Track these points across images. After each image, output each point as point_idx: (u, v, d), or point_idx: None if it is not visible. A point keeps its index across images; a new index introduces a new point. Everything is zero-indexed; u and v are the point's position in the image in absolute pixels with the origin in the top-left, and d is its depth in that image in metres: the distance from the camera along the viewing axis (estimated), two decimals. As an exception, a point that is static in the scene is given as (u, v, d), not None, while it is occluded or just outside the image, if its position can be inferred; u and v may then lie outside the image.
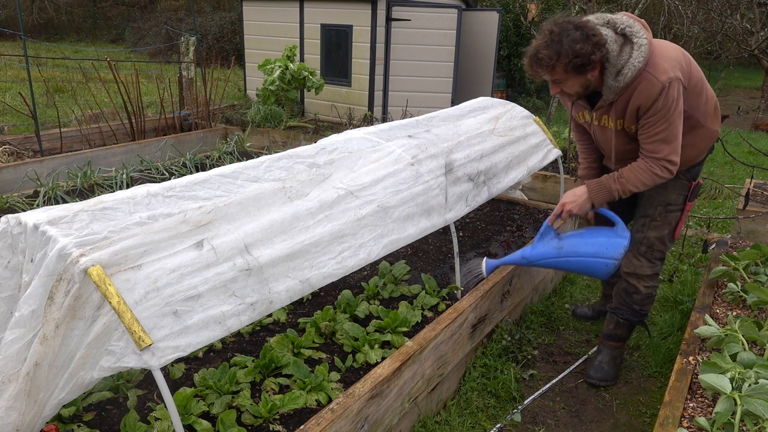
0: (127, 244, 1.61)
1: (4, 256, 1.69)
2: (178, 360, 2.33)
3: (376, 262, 3.20)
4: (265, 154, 5.39)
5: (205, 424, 1.93)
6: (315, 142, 2.65)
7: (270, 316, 2.71)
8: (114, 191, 2.61)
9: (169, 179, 3.19)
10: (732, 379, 1.94)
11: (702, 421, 1.87)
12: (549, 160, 3.65)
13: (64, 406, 1.95)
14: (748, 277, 2.93)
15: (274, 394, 2.15)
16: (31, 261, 1.62)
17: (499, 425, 2.52)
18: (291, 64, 7.43)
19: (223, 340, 2.52)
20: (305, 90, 7.85)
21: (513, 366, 2.84)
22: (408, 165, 2.64)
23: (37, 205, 4.18)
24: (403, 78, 8.53)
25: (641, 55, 2.29)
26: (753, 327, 2.31)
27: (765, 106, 10.80)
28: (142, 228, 1.68)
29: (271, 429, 1.97)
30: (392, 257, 3.37)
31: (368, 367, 2.33)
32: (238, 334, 2.59)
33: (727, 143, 7.50)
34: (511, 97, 10.72)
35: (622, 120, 2.48)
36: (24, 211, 2.55)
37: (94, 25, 21.99)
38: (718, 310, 2.70)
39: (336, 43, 8.52)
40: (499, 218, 4.15)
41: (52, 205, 2.47)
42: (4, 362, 1.61)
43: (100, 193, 4.55)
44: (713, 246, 3.88)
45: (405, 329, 2.58)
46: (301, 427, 1.81)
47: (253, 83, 9.56)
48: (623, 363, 2.96)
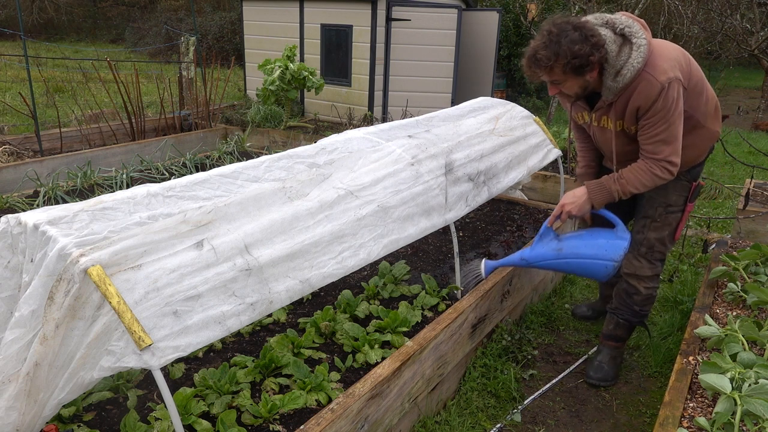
0: (127, 244, 1.61)
1: (4, 256, 1.69)
2: (178, 360, 2.33)
3: (376, 262, 3.20)
4: (265, 154, 5.39)
5: (205, 424, 1.93)
6: (315, 142, 2.65)
7: (270, 316, 2.72)
8: (114, 191, 2.61)
9: (169, 179, 3.19)
10: (732, 379, 1.94)
11: (702, 421, 1.87)
12: (549, 160, 3.66)
13: (64, 406, 1.95)
14: (748, 277, 2.93)
15: (274, 394, 2.15)
16: (31, 261, 1.62)
17: (499, 425, 2.52)
18: (291, 64, 7.44)
19: (223, 340, 2.52)
20: (305, 90, 7.85)
21: (513, 366, 2.84)
22: (408, 165, 2.64)
23: (37, 205, 4.18)
24: (403, 78, 8.54)
25: (640, 56, 2.27)
26: (753, 327, 2.31)
27: (765, 106, 10.80)
28: (142, 228, 1.68)
29: (271, 429, 1.97)
30: (392, 257, 3.37)
31: (368, 367, 2.33)
32: (238, 334, 2.59)
33: (727, 143, 7.50)
34: (511, 97, 10.72)
35: (621, 121, 2.47)
36: (24, 211, 2.55)
37: (94, 25, 21.99)
38: (718, 310, 2.70)
39: (336, 43, 8.52)
40: (499, 218, 4.15)
41: (52, 205, 2.47)
42: (4, 362, 1.61)
43: (100, 193, 4.55)
44: (713, 246, 3.88)
45: (405, 329, 2.58)
46: (301, 427, 1.81)
47: (253, 83, 9.56)
48: (623, 363, 2.96)
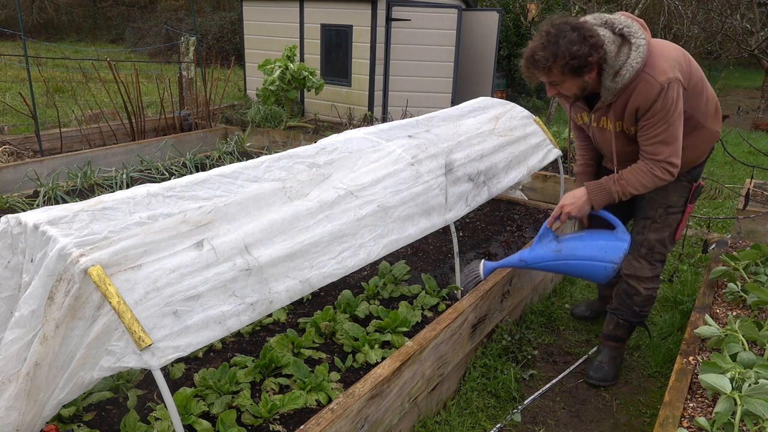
0: (127, 244, 1.61)
1: (4, 256, 1.69)
2: (178, 360, 2.33)
3: (376, 262, 3.20)
4: (265, 154, 5.39)
5: (205, 424, 1.93)
6: (315, 142, 2.65)
7: (270, 316, 2.71)
8: (114, 191, 2.61)
9: (169, 179, 3.19)
10: (732, 379, 1.94)
11: (702, 421, 1.87)
12: (549, 160, 3.66)
13: (64, 406, 1.95)
14: (748, 277, 2.93)
15: (274, 394, 2.15)
16: (31, 261, 1.62)
17: (499, 425, 2.52)
18: (291, 64, 7.44)
19: (223, 340, 2.52)
20: (305, 90, 7.85)
21: (513, 366, 2.84)
22: (408, 165, 2.64)
23: (37, 205, 4.18)
24: (403, 78, 8.54)
25: (639, 56, 2.26)
26: (753, 327, 2.31)
27: (765, 106, 10.80)
28: (142, 228, 1.68)
29: (271, 429, 1.97)
30: (392, 257, 3.37)
31: (368, 367, 2.33)
32: (238, 334, 2.59)
33: (727, 143, 7.50)
34: (511, 97, 10.72)
35: (621, 121, 2.46)
36: (24, 211, 2.55)
37: (94, 25, 21.99)
38: (718, 310, 2.70)
39: (336, 43, 8.52)
40: (499, 218, 4.15)
41: (52, 205, 2.47)
42: (4, 362, 1.61)
43: (100, 193, 4.55)
44: (713, 246, 3.88)
45: (405, 329, 2.58)
46: (301, 427, 1.81)
47: (253, 83, 9.56)
48: (623, 363, 2.96)
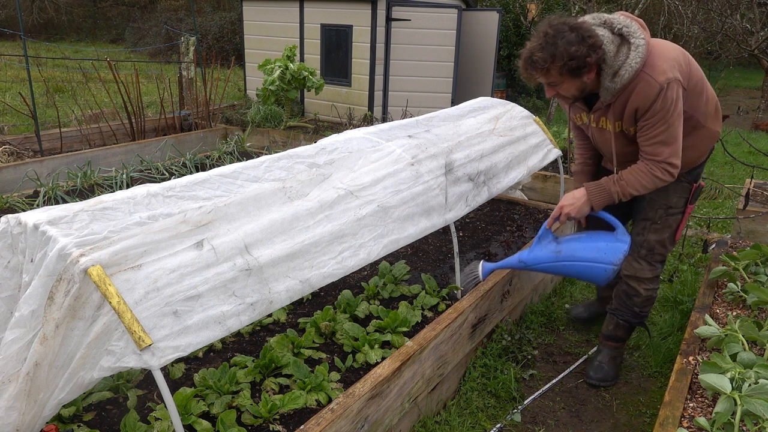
0: (127, 244, 1.61)
1: (4, 256, 1.69)
2: (178, 360, 2.33)
3: (376, 262, 3.20)
4: (265, 154, 5.39)
5: (205, 424, 1.93)
6: (315, 142, 2.65)
7: (270, 316, 2.71)
8: (114, 191, 2.61)
9: (169, 179, 3.19)
10: (732, 379, 1.94)
11: (702, 421, 1.87)
12: (549, 160, 3.65)
13: (64, 406, 1.95)
14: (748, 277, 2.93)
15: (274, 394, 2.15)
16: (31, 261, 1.62)
17: (499, 425, 2.52)
18: (291, 64, 7.44)
19: (223, 340, 2.52)
20: (305, 90, 7.85)
21: (513, 366, 2.84)
22: (408, 165, 2.64)
23: (37, 205, 4.18)
24: (403, 78, 8.54)
25: (638, 56, 2.25)
26: (753, 327, 2.31)
27: (765, 106, 10.80)
28: (142, 228, 1.68)
29: (271, 429, 1.97)
30: (392, 257, 3.37)
31: (368, 367, 2.33)
32: (238, 334, 2.59)
33: (727, 143, 7.50)
34: (511, 97, 10.72)
35: (620, 122, 2.45)
36: (24, 211, 2.55)
37: (94, 25, 21.99)
38: (718, 310, 2.70)
39: (336, 43, 8.52)
40: (499, 218, 4.15)
41: (52, 205, 2.47)
42: (4, 362, 1.61)
43: (100, 193, 4.55)
44: (713, 246, 3.88)
45: (405, 329, 2.58)
46: (301, 427, 1.81)
47: (253, 83, 9.56)
48: (623, 363, 2.96)
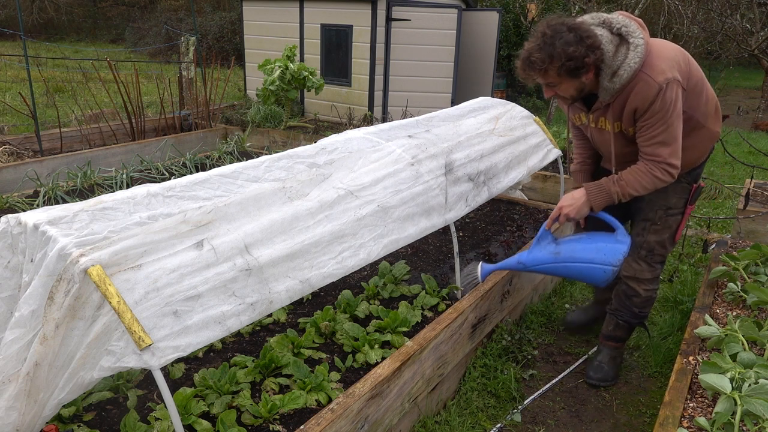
0: (127, 244, 1.61)
1: (4, 256, 1.69)
2: (178, 360, 2.33)
3: (376, 262, 3.20)
4: (265, 154, 5.39)
5: (205, 424, 1.93)
6: (315, 142, 2.65)
7: (270, 316, 2.71)
8: (114, 191, 2.61)
9: (169, 179, 3.19)
10: (732, 379, 1.94)
11: (702, 421, 1.87)
12: (549, 160, 3.65)
13: (64, 406, 1.95)
14: (748, 277, 2.93)
15: (274, 394, 2.15)
16: (31, 261, 1.62)
17: (499, 425, 2.52)
18: (291, 64, 7.44)
19: (223, 340, 2.52)
20: (305, 90, 7.85)
21: (513, 366, 2.84)
22: (408, 165, 2.64)
23: (37, 205, 4.18)
24: (403, 78, 8.54)
25: (637, 56, 2.24)
26: (753, 327, 2.31)
27: (765, 106, 10.80)
28: (142, 228, 1.68)
29: (271, 429, 1.97)
30: (392, 257, 3.37)
31: (368, 367, 2.33)
32: (238, 334, 2.59)
33: (727, 143, 7.50)
34: (511, 97, 10.72)
35: (619, 122, 2.44)
36: (24, 211, 2.55)
37: (94, 25, 21.99)
38: (718, 310, 2.70)
39: (336, 43, 8.52)
40: (499, 218, 4.15)
41: (52, 205, 2.47)
42: (4, 362, 1.61)
43: (100, 193, 4.55)
44: (713, 246, 3.88)
45: (405, 329, 2.58)
46: (301, 427, 1.81)
47: (253, 83, 9.56)
48: (623, 363, 2.96)
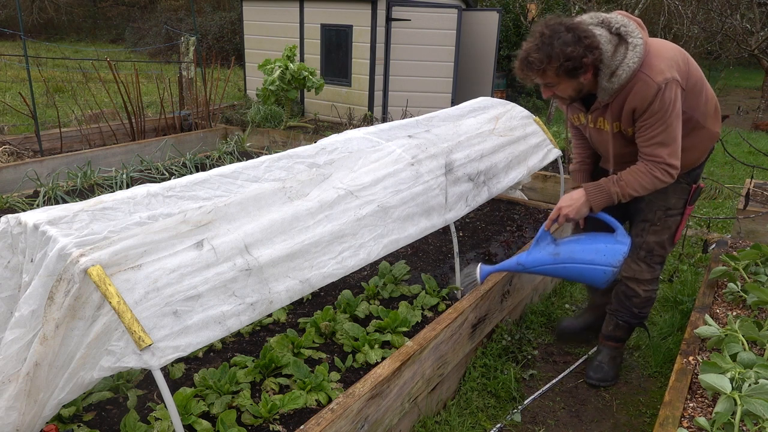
0: (127, 244, 1.61)
1: (4, 256, 1.69)
2: (178, 360, 2.33)
3: (376, 262, 3.20)
4: (265, 154, 5.39)
5: (205, 424, 1.93)
6: (315, 142, 2.65)
7: (270, 316, 2.71)
8: (114, 191, 2.61)
9: (169, 179, 3.19)
10: (732, 379, 1.94)
11: (702, 421, 1.87)
12: (549, 160, 3.65)
13: (64, 406, 1.95)
14: (748, 277, 2.93)
15: (274, 394, 2.15)
16: (31, 261, 1.62)
17: (499, 425, 2.52)
18: (291, 64, 7.44)
19: (223, 340, 2.52)
20: (305, 90, 7.86)
21: (513, 366, 2.84)
22: (408, 165, 2.64)
23: (37, 205, 4.18)
24: (403, 78, 8.54)
25: (636, 56, 2.23)
26: (753, 327, 2.31)
27: (765, 106, 10.80)
28: (142, 228, 1.68)
29: (271, 429, 1.97)
30: (392, 257, 3.37)
31: (368, 367, 2.33)
32: (238, 334, 2.59)
33: (727, 143, 7.50)
34: (511, 97, 10.71)
35: (618, 122, 2.44)
36: (24, 211, 2.55)
37: (94, 25, 21.99)
38: (718, 310, 2.70)
39: (336, 43, 8.52)
40: (499, 218, 4.15)
41: (52, 205, 2.47)
42: (4, 362, 1.61)
43: (100, 193, 4.55)
44: (713, 246, 3.88)
45: (405, 329, 2.58)
46: (301, 427, 1.81)
47: (253, 83, 9.56)
48: (623, 363, 2.96)
